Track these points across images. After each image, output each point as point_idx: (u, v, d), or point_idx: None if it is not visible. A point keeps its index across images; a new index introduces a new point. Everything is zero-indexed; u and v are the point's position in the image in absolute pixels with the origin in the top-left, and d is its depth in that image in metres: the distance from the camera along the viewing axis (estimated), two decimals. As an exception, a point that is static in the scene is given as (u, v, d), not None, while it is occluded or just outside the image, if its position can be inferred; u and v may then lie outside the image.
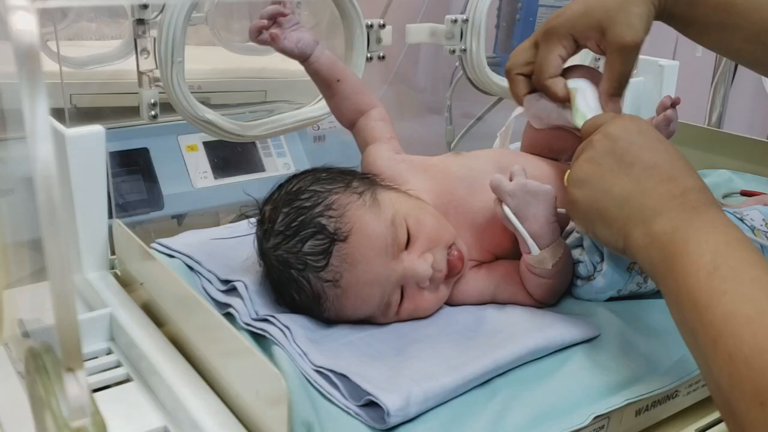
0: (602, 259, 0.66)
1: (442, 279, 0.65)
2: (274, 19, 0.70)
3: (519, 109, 0.76)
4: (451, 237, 0.66)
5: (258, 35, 0.70)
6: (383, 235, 0.62)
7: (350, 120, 0.77)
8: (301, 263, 0.61)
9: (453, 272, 0.66)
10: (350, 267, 0.61)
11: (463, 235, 0.68)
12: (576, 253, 0.68)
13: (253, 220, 0.68)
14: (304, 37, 0.71)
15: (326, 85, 0.75)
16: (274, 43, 0.70)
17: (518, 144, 0.83)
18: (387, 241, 0.62)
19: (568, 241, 0.69)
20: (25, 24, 0.24)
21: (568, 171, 0.61)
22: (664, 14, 0.67)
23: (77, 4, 1.11)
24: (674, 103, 0.78)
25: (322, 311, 0.63)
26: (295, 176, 0.67)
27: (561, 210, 0.64)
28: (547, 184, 0.64)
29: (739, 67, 1.34)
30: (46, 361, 0.33)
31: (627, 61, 0.66)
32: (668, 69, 1.14)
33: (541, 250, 0.63)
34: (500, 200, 0.64)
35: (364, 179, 0.68)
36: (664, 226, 0.50)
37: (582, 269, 0.67)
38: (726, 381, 0.41)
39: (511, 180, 0.63)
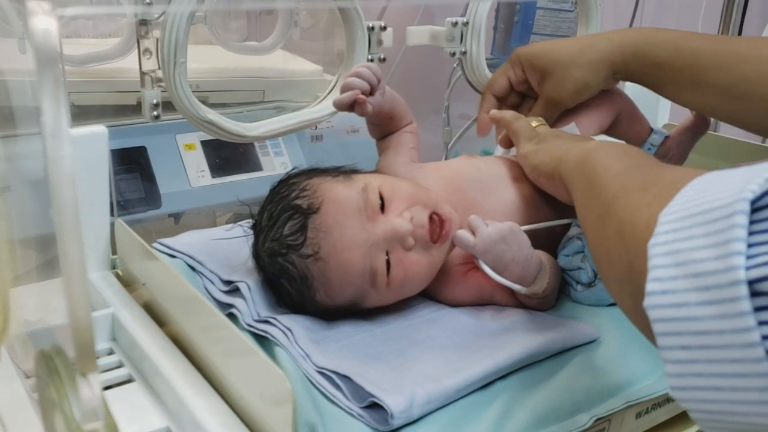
0: None
1: (427, 237, 0.63)
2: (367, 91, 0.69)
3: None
4: (432, 201, 0.65)
5: (348, 106, 0.69)
6: (354, 198, 0.62)
7: (379, 136, 0.77)
8: (284, 246, 0.62)
9: (436, 229, 0.64)
10: (326, 235, 0.61)
11: None
12: (577, 260, 0.68)
13: (248, 226, 0.69)
14: (377, 99, 0.70)
15: (378, 125, 0.76)
16: (360, 109, 0.69)
17: None
18: (359, 204, 0.62)
19: (567, 248, 0.69)
20: (47, 30, 0.24)
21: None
22: (633, 78, 0.73)
23: (97, 12, 1.10)
24: None
25: (313, 295, 0.63)
26: (279, 180, 0.69)
27: (530, 227, 0.66)
28: (506, 221, 0.64)
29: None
30: (57, 364, 0.33)
31: (549, 109, 0.76)
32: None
33: (528, 286, 0.64)
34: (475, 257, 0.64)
35: (343, 170, 0.69)
36: (598, 143, 0.59)
37: (583, 276, 0.68)
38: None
39: (473, 234, 0.63)
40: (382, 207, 0.63)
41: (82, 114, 1.16)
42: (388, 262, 0.62)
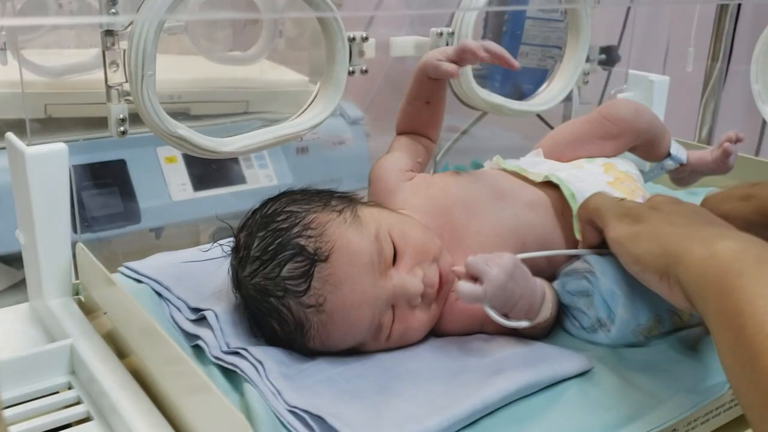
0: (612, 322, 0.61)
1: (434, 296, 0.61)
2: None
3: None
4: (438, 249, 0.63)
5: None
6: (368, 251, 0.58)
7: (402, 130, 0.78)
8: (281, 289, 0.57)
9: (446, 287, 0.62)
10: (334, 289, 0.57)
11: (456, 259, 0.64)
12: (581, 303, 0.63)
13: (227, 247, 0.64)
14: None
15: (421, 96, 0.75)
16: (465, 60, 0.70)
17: (540, 150, 0.82)
18: (372, 257, 0.58)
19: (571, 284, 0.64)
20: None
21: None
22: None
23: (32, 23, 1.07)
24: (738, 139, 0.85)
25: (306, 341, 0.59)
26: (269, 199, 0.64)
27: (525, 255, 0.61)
28: (504, 254, 0.58)
29: (729, 82, 1.33)
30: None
31: None
32: (658, 84, 1.12)
33: (533, 319, 0.61)
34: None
35: (344, 198, 0.64)
36: (730, 244, 0.47)
37: (585, 320, 0.63)
38: None
39: (477, 280, 0.57)
40: (394, 258, 0.60)
41: (60, 126, 1.13)
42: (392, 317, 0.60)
